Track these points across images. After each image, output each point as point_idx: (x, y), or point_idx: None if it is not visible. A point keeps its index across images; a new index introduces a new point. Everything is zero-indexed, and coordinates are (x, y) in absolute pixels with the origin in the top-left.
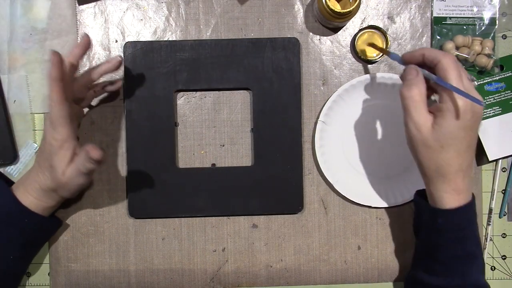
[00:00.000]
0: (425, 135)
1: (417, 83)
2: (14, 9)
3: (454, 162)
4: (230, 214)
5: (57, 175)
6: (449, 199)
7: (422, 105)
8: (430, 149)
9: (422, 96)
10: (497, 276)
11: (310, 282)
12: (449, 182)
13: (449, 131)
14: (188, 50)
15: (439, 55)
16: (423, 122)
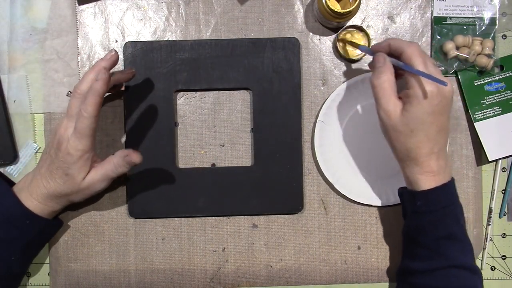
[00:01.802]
0: (394, 121)
1: (385, 71)
2: (14, 9)
3: (424, 146)
4: (230, 214)
5: (75, 183)
6: (425, 181)
7: (390, 92)
8: (400, 134)
9: (390, 83)
10: (497, 276)
11: (310, 282)
12: (422, 165)
13: (417, 116)
14: (188, 50)
15: (404, 44)
16: (392, 108)
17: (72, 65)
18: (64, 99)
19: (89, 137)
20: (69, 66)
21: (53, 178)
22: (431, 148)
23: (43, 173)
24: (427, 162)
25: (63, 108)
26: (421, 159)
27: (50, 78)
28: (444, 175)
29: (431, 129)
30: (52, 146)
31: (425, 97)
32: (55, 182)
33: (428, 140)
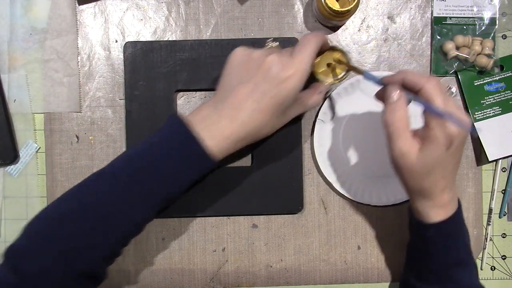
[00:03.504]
0: (411, 163)
1: (400, 107)
2: (14, 9)
3: (440, 184)
4: (230, 214)
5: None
6: (435, 214)
7: (406, 131)
8: (416, 174)
9: (405, 121)
10: (497, 276)
11: (310, 282)
12: (434, 200)
13: (436, 159)
14: (188, 50)
15: (422, 80)
16: (407, 150)
17: (72, 65)
18: (64, 98)
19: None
20: (69, 66)
21: (261, 110)
22: (445, 184)
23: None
24: (441, 196)
25: (63, 108)
26: (434, 195)
27: (50, 78)
28: (453, 203)
29: (448, 167)
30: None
31: (447, 140)
32: (264, 114)
33: (443, 177)
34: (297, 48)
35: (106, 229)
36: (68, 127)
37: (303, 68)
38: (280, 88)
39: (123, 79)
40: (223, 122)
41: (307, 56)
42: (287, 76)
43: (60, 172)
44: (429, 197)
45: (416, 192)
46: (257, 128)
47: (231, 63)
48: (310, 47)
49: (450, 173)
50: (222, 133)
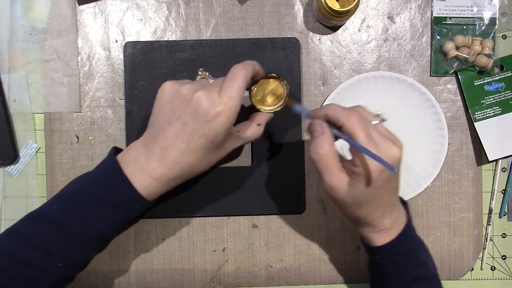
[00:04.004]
0: (341, 195)
1: (324, 143)
2: (14, 9)
3: (375, 213)
4: (230, 214)
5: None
6: (379, 238)
7: (332, 165)
8: (349, 206)
9: (331, 156)
10: (497, 276)
11: (310, 282)
12: (374, 227)
13: (365, 194)
14: (188, 50)
15: (342, 115)
16: (336, 183)
17: (72, 65)
18: (64, 98)
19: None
20: (69, 66)
21: (193, 149)
22: (383, 211)
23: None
24: (381, 223)
25: (63, 108)
26: (373, 222)
27: (50, 78)
28: (397, 225)
29: (383, 198)
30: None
31: (374, 176)
32: (196, 153)
33: (379, 207)
34: (225, 82)
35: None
36: (68, 127)
37: (232, 103)
38: (209, 126)
39: (123, 79)
40: (152, 163)
41: (235, 91)
42: (216, 113)
43: (60, 172)
44: (368, 225)
45: (354, 220)
46: (189, 167)
47: (159, 100)
48: (238, 80)
49: (385, 203)
50: (152, 175)
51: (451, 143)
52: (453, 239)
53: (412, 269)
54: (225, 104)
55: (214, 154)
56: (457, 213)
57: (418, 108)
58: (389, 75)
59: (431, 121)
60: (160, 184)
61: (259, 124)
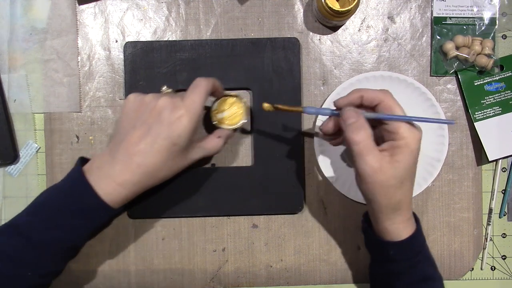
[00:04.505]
0: (383, 176)
1: (363, 125)
2: (14, 9)
3: (410, 194)
4: (230, 214)
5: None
6: (402, 230)
7: (373, 147)
8: (390, 188)
9: (370, 138)
10: (497, 276)
11: (310, 282)
12: (403, 213)
13: (408, 166)
14: (188, 50)
15: (380, 95)
16: (379, 165)
17: (72, 65)
18: (63, 99)
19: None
20: (69, 66)
21: (156, 152)
22: (411, 194)
23: (139, 150)
24: (407, 209)
25: (63, 108)
26: (404, 208)
27: (50, 78)
28: (412, 217)
29: (414, 174)
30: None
31: (414, 145)
32: (158, 156)
33: (411, 187)
34: (188, 90)
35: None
36: (68, 127)
37: (194, 108)
38: (172, 128)
39: (123, 79)
40: (116, 168)
41: (197, 97)
42: (178, 116)
43: (60, 172)
44: (400, 211)
45: (390, 208)
46: (152, 171)
47: (124, 109)
48: (200, 89)
49: (412, 185)
50: (115, 180)
51: (451, 143)
52: (453, 239)
53: (423, 268)
54: (187, 108)
55: (178, 159)
56: (457, 213)
57: (418, 108)
58: (389, 75)
59: (428, 114)
60: (123, 189)
61: (220, 137)
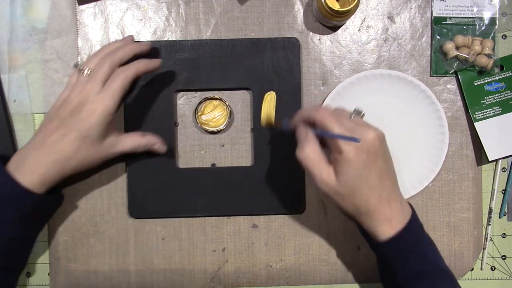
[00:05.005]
0: (333, 187)
1: (308, 141)
2: (14, 9)
3: (371, 197)
4: (230, 214)
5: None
6: (383, 232)
7: (319, 161)
8: (344, 196)
9: (316, 153)
10: (497, 276)
11: (310, 282)
12: (376, 216)
13: (352, 175)
14: (188, 50)
15: (312, 112)
16: (326, 176)
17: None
18: None
19: (119, 98)
20: (69, 66)
21: (66, 142)
22: (378, 196)
23: (51, 140)
24: (380, 211)
25: None
26: (372, 210)
27: (50, 78)
28: (401, 217)
29: (371, 179)
30: (65, 109)
31: (350, 156)
32: (68, 146)
33: (372, 190)
34: (107, 83)
35: None
36: None
37: (107, 102)
38: (83, 122)
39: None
40: (30, 157)
41: (111, 91)
42: (91, 110)
43: None
44: (368, 214)
45: (355, 212)
46: (63, 160)
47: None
48: (117, 83)
49: (378, 184)
50: (29, 168)
51: (451, 143)
52: (453, 239)
53: (417, 265)
54: (100, 102)
55: (90, 151)
56: (457, 213)
57: (419, 106)
58: (388, 73)
59: (432, 118)
60: (37, 176)
61: (143, 136)
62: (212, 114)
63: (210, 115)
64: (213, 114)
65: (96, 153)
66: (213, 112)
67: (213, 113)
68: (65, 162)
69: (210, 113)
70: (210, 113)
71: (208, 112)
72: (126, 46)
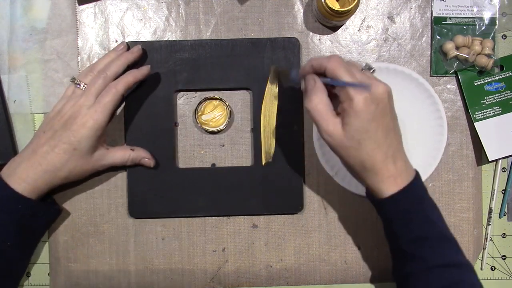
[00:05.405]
0: (340, 139)
1: (316, 91)
2: (14, 9)
3: (377, 153)
4: (230, 214)
5: (82, 158)
6: (387, 187)
7: (327, 112)
8: (350, 149)
9: (324, 103)
10: (497, 276)
11: (310, 282)
12: (380, 172)
13: (359, 127)
14: (188, 50)
15: (323, 60)
16: (332, 128)
17: (72, 65)
18: None
19: (110, 113)
20: (69, 66)
21: (56, 154)
22: (384, 153)
23: (42, 151)
24: (385, 167)
25: None
26: (377, 166)
27: (50, 78)
28: (405, 175)
29: (378, 134)
30: (58, 122)
31: (359, 106)
32: (58, 157)
33: (378, 146)
34: (99, 97)
35: None
36: None
37: (98, 116)
38: (73, 134)
39: None
40: (22, 165)
41: (102, 106)
42: (81, 123)
43: None
44: (373, 171)
45: (360, 167)
46: (52, 170)
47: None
48: (108, 97)
49: (384, 140)
50: (21, 176)
51: (451, 143)
52: None
53: (417, 226)
54: (91, 116)
55: (80, 162)
56: (457, 213)
57: (416, 99)
58: (386, 67)
59: (430, 112)
60: (27, 184)
61: (132, 150)
62: (212, 114)
63: (210, 115)
64: (213, 114)
65: (85, 164)
66: (213, 112)
67: (213, 113)
68: (54, 173)
69: (210, 113)
70: (210, 113)
71: (208, 112)
72: (120, 59)
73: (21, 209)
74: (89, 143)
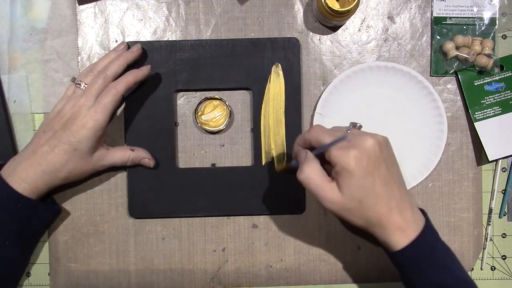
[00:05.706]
0: (340, 202)
1: (307, 162)
2: (14, 9)
3: (380, 207)
4: (230, 214)
5: (81, 158)
6: (397, 239)
7: (321, 179)
8: (352, 210)
9: (316, 172)
10: (497, 276)
11: (310, 282)
12: (387, 225)
13: (356, 185)
14: (188, 50)
15: (305, 135)
16: (330, 194)
17: (72, 65)
18: None
19: (110, 113)
20: (69, 66)
21: (56, 154)
22: (387, 205)
23: (42, 151)
24: (391, 220)
25: None
26: (383, 220)
27: (50, 78)
28: (414, 225)
29: (376, 188)
30: (59, 122)
31: (351, 165)
32: (58, 157)
33: (379, 199)
34: (99, 97)
35: None
36: None
37: (98, 117)
38: (73, 134)
39: None
40: (22, 165)
41: (102, 107)
42: (81, 124)
43: None
44: (379, 225)
45: (367, 224)
46: (52, 170)
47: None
48: (108, 97)
49: (384, 193)
50: (20, 176)
51: (451, 143)
52: (453, 239)
53: (437, 277)
54: (91, 117)
55: (80, 163)
56: (457, 213)
57: (415, 97)
58: (384, 65)
59: (429, 108)
60: (27, 184)
61: (132, 150)
62: (212, 114)
63: (210, 115)
64: (213, 114)
65: (85, 165)
66: (213, 112)
67: (213, 113)
68: (54, 173)
69: (210, 113)
70: (210, 113)
71: (208, 112)
72: (120, 59)
73: (21, 209)
74: (89, 143)
